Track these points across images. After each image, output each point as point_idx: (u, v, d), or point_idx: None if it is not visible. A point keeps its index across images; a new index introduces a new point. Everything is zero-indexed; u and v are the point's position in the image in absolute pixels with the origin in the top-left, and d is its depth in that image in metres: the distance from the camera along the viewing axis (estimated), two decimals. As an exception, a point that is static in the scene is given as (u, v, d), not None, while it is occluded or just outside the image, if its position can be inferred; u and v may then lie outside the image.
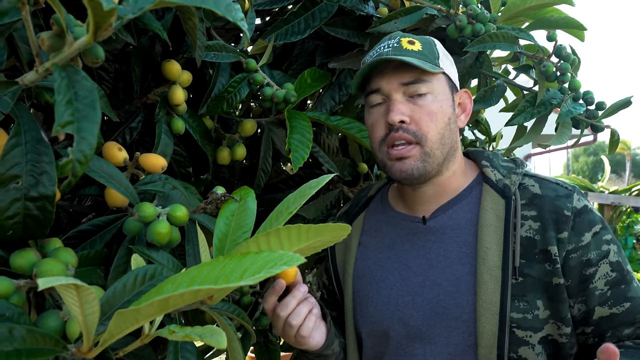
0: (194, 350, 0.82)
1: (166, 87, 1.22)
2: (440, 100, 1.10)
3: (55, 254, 0.71)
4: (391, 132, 1.08)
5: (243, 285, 0.51)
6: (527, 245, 1.05)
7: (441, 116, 1.09)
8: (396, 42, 1.10)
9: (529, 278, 1.04)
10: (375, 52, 1.12)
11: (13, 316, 0.60)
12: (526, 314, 1.03)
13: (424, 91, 1.09)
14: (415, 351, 1.09)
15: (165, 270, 0.72)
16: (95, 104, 0.57)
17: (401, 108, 1.07)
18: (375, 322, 1.15)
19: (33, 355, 0.55)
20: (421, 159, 1.08)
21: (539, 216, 1.07)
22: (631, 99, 1.54)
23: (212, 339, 0.59)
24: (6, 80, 0.66)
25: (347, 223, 1.26)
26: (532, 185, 1.12)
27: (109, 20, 0.55)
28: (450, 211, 1.14)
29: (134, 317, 0.57)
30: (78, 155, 0.54)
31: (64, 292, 0.54)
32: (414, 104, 1.08)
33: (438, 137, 1.09)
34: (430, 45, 1.13)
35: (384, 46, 1.11)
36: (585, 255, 1.05)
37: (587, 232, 1.06)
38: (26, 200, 0.67)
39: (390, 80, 1.09)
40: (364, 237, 1.25)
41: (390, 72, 1.09)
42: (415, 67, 1.07)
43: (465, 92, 1.20)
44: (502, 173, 1.14)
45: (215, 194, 0.87)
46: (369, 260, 1.21)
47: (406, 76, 1.08)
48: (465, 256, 1.08)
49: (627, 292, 1.04)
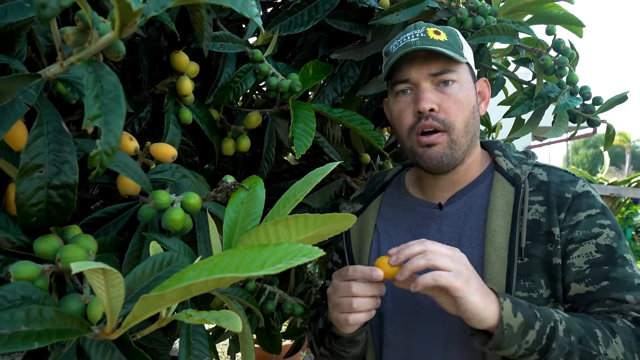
0: (204, 333, 0.85)
1: (174, 78, 1.25)
2: (466, 89, 1.13)
3: (76, 240, 0.74)
4: (420, 120, 1.11)
5: (264, 274, 0.54)
6: (533, 227, 1.09)
7: (467, 105, 1.13)
8: (422, 32, 1.12)
9: (534, 258, 1.08)
10: (402, 41, 1.13)
11: (39, 299, 0.63)
12: (531, 292, 1.07)
13: (452, 78, 1.11)
14: (427, 329, 1.13)
15: (181, 256, 0.75)
16: (120, 98, 0.60)
17: (430, 97, 1.10)
18: (389, 303, 1.18)
19: (62, 335, 0.58)
20: (449, 146, 1.11)
21: (545, 200, 1.11)
22: (627, 95, 1.57)
23: (229, 323, 0.63)
24: (30, 74, 0.68)
25: (362, 205, 1.29)
26: (540, 174, 1.16)
27: (134, 19, 0.58)
28: (465, 197, 1.18)
29: (157, 302, 0.60)
30: (105, 147, 0.57)
31: (91, 276, 0.57)
32: (442, 92, 1.11)
33: (464, 125, 1.12)
34: (455, 36, 1.16)
35: (411, 35, 1.13)
36: (571, 233, 1.08)
37: (581, 212, 1.09)
38: (49, 189, 0.70)
39: (420, 69, 1.11)
40: (380, 220, 1.28)
41: (420, 62, 1.11)
42: (444, 57, 1.10)
43: (484, 80, 1.23)
44: (514, 163, 1.18)
45: (226, 183, 0.90)
46: (385, 243, 1.24)
47: (434, 66, 1.11)
48: (476, 239, 1.13)
49: (609, 273, 1.06)
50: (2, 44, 0.74)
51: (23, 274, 0.66)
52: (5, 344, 0.55)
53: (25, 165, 0.69)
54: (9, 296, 0.62)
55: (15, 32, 0.74)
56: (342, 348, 1.15)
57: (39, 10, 0.54)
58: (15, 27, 0.73)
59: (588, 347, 0.97)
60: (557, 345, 0.96)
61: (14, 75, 0.67)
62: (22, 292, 0.63)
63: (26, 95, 0.67)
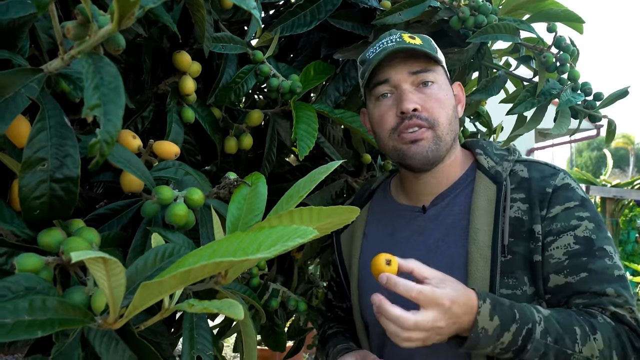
0: (207, 327, 0.85)
1: (176, 78, 1.26)
2: (444, 89, 1.15)
3: (79, 233, 0.74)
4: (404, 120, 1.12)
5: (260, 258, 0.54)
6: (515, 225, 1.10)
7: (448, 104, 1.14)
8: (398, 37, 1.15)
9: (517, 255, 1.08)
10: (378, 47, 1.15)
11: (43, 289, 0.64)
12: (515, 289, 1.07)
13: (431, 79, 1.13)
14: None
15: (183, 249, 0.75)
16: (119, 89, 0.61)
17: (413, 97, 1.11)
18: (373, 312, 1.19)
19: (65, 324, 0.59)
20: (434, 142, 1.12)
21: (527, 198, 1.11)
22: (628, 90, 1.57)
23: (230, 311, 0.63)
24: (32, 68, 0.69)
25: None
26: (522, 170, 1.16)
27: (132, 10, 0.59)
28: (447, 199, 1.19)
29: (157, 289, 0.60)
30: (105, 136, 0.58)
31: (93, 266, 0.57)
32: (423, 93, 1.13)
33: (447, 123, 1.13)
34: (428, 41, 1.18)
35: (387, 41, 1.15)
36: (549, 225, 1.09)
37: (558, 206, 1.10)
38: (52, 182, 0.71)
39: (399, 69, 1.13)
40: (368, 227, 1.30)
41: (399, 63, 1.13)
42: (422, 58, 1.12)
43: (458, 84, 1.25)
44: (495, 160, 1.18)
45: (228, 179, 0.91)
46: (372, 250, 1.25)
47: (414, 65, 1.13)
48: (460, 239, 1.13)
49: (588, 264, 1.06)
50: (4, 39, 0.74)
51: (27, 266, 0.67)
52: (9, 332, 0.56)
53: (28, 159, 0.69)
54: (13, 287, 0.63)
55: (18, 28, 0.75)
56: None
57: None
58: (18, 24, 0.74)
59: (564, 347, 0.97)
60: (533, 346, 0.96)
61: (16, 70, 0.68)
62: (26, 284, 0.64)
63: (28, 89, 0.67)
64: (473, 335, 0.95)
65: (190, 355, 0.78)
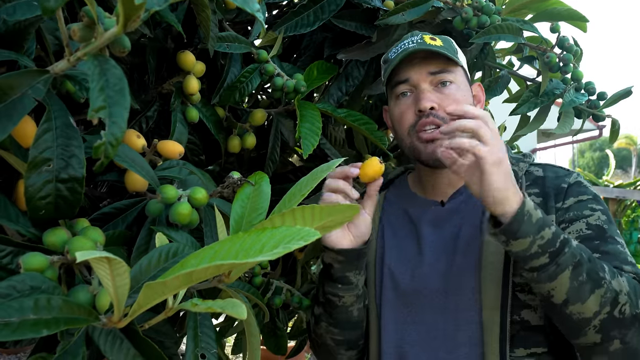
0: (211, 326, 0.86)
1: (181, 77, 1.27)
2: (463, 90, 1.18)
3: (84, 232, 0.75)
4: (421, 118, 1.14)
5: (262, 260, 0.55)
6: None
7: (466, 104, 1.14)
8: (419, 39, 1.17)
9: None
10: (400, 47, 1.18)
11: (48, 289, 0.64)
12: None
13: (449, 79, 1.16)
14: (431, 318, 1.15)
15: (187, 248, 0.76)
16: (124, 91, 0.62)
17: (430, 96, 1.14)
18: (394, 292, 1.20)
19: (70, 323, 0.60)
20: None
21: (541, 192, 1.15)
22: (632, 89, 1.57)
23: (234, 310, 0.64)
24: (38, 69, 0.70)
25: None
26: (537, 170, 1.20)
27: (138, 12, 0.59)
28: (465, 194, 1.21)
29: (161, 290, 0.61)
30: (110, 138, 0.59)
31: (97, 265, 0.58)
32: (441, 92, 1.15)
33: None
34: (449, 42, 1.21)
35: (408, 42, 1.17)
36: (563, 215, 1.11)
37: (572, 197, 1.13)
38: (57, 182, 0.71)
39: (419, 70, 1.16)
40: (384, 215, 1.30)
41: (419, 63, 1.16)
42: (441, 58, 1.15)
43: (478, 85, 1.28)
44: (511, 161, 1.19)
45: (232, 178, 0.91)
46: (389, 237, 1.26)
47: (433, 65, 1.16)
48: (475, 234, 1.15)
49: (600, 247, 1.07)
50: (11, 41, 0.75)
51: (32, 265, 0.68)
52: (15, 331, 0.57)
53: (34, 159, 0.70)
54: (18, 286, 0.64)
55: (24, 30, 0.76)
56: (335, 291, 1.15)
57: (42, 1, 0.55)
58: (24, 25, 0.75)
59: (596, 268, 0.97)
60: (570, 251, 0.96)
61: (22, 71, 0.69)
62: (31, 283, 0.65)
63: (35, 90, 0.68)
64: (518, 214, 0.93)
65: (194, 353, 0.78)
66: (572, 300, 0.96)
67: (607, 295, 0.96)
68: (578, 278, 0.95)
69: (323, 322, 1.22)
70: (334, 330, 1.21)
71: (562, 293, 0.96)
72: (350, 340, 1.22)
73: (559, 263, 0.95)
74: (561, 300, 0.97)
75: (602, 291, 0.96)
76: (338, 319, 1.19)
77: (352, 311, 1.18)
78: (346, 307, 1.17)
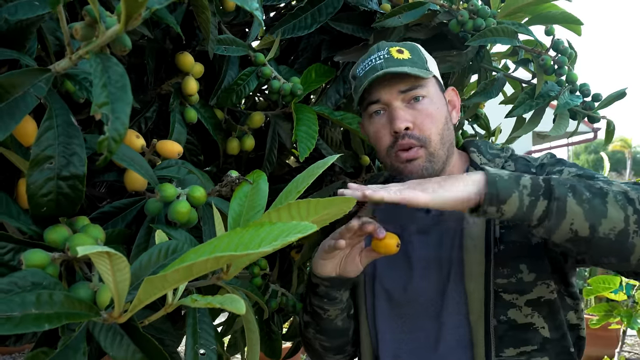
0: (210, 322, 0.87)
1: (179, 78, 1.28)
2: (436, 102, 1.17)
3: (85, 229, 0.76)
4: (397, 140, 1.14)
5: (262, 251, 0.55)
6: None
7: (439, 117, 1.16)
8: (386, 53, 1.16)
9: (511, 244, 1.12)
10: (367, 64, 1.17)
11: (50, 285, 0.65)
12: (510, 278, 1.10)
13: (421, 94, 1.15)
14: (424, 326, 1.18)
15: (186, 245, 0.77)
16: (126, 87, 0.63)
17: (404, 115, 1.13)
18: (388, 303, 1.23)
19: (71, 317, 0.60)
20: (427, 159, 1.15)
21: None
22: (626, 91, 1.59)
23: (233, 306, 0.64)
24: (40, 68, 0.71)
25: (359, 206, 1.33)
26: (509, 165, 1.21)
27: (139, 10, 0.60)
28: None
29: (160, 284, 0.61)
30: (113, 133, 0.60)
31: (98, 260, 0.59)
32: (414, 109, 1.15)
33: (439, 138, 1.16)
34: (417, 51, 1.20)
35: (375, 58, 1.16)
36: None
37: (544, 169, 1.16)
38: (59, 180, 0.72)
39: (389, 90, 1.15)
40: (378, 211, 1.30)
41: (388, 82, 1.15)
42: (410, 75, 1.13)
43: (452, 89, 1.27)
44: (488, 158, 1.23)
45: (230, 177, 0.92)
46: None
47: (403, 84, 1.14)
48: (457, 233, 1.17)
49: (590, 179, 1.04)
50: (12, 40, 0.76)
51: (34, 261, 0.68)
52: (17, 325, 0.57)
53: (36, 156, 0.71)
54: (20, 282, 0.64)
55: (26, 29, 0.77)
56: (320, 304, 1.19)
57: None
58: (25, 24, 0.76)
59: (590, 184, 0.96)
60: (558, 182, 0.94)
61: (24, 70, 0.69)
62: (32, 279, 0.65)
63: (36, 89, 0.69)
64: (489, 182, 0.94)
65: (194, 350, 0.79)
66: (596, 220, 0.92)
67: (619, 197, 0.93)
68: (583, 198, 0.92)
69: (311, 329, 1.27)
70: (322, 337, 1.27)
71: (582, 221, 0.92)
72: (338, 346, 1.29)
73: (557, 197, 0.93)
74: (588, 229, 0.92)
75: (612, 196, 0.93)
76: (325, 328, 1.25)
77: (337, 322, 1.23)
78: (331, 320, 1.22)
